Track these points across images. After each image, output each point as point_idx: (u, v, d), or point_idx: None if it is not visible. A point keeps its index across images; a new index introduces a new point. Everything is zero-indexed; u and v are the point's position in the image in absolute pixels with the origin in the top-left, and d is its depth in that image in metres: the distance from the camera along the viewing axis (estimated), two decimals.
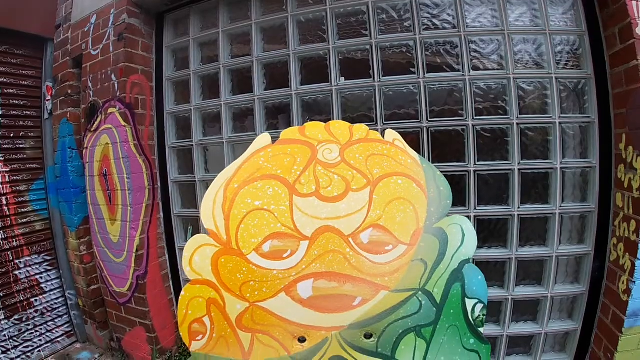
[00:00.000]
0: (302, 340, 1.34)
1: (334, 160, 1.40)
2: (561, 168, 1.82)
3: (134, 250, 2.23)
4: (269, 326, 1.32)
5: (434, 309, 1.33)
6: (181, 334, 1.35)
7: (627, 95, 1.59)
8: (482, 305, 1.33)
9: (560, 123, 1.82)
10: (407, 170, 1.40)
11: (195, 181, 2.28)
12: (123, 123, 2.19)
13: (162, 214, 2.40)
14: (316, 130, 1.47)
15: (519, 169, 1.83)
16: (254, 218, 1.35)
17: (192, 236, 1.44)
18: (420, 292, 1.32)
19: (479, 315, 1.34)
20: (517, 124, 1.83)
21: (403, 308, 1.31)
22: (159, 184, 2.38)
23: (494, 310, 1.97)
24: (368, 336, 1.33)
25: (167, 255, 2.40)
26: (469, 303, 1.33)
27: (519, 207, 1.84)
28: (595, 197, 1.80)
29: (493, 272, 1.95)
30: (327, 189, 1.36)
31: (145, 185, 2.27)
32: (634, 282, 1.56)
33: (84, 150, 2.41)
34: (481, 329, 1.34)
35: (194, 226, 2.40)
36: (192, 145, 2.28)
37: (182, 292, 1.36)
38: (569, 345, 1.97)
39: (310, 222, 1.34)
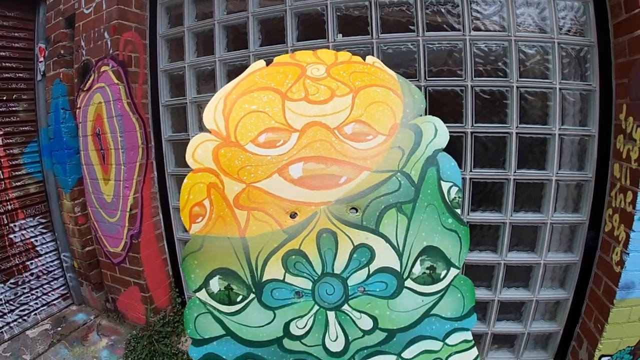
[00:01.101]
0: (293, 216, 1.52)
1: (321, 76, 1.60)
2: (559, 134, 1.80)
3: (128, 210, 2.22)
4: (264, 204, 1.50)
5: (413, 188, 1.50)
6: (182, 218, 1.55)
7: (630, 65, 1.55)
8: (457, 188, 1.50)
9: (560, 89, 1.78)
10: (385, 82, 1.59)
11: (189, 140, 2.22)
12: (116, 81, 2.15)
13: (155, 173, 2.38)
14: (305, 55, 1.68)
15: (516, 133, 1.80)
16: (251, 117, 1.54)
17: None
18: (399, 173, 1.49)
19: (455, 197, 1.50)
20: (517, 87, 1.79)
21: (384, 186, 1.49)
22: (152, 142, 2.36)
23: (485, 274, 1.98)
24: (354, 211, 1.50)
25: (161, 215, 2.39)
26: (445, 185, 1.50)
27: (515, 172, 1.82)
28: (593, 166, 1.78)
29: (487, 236, 1.95)
30: (315, 95, 1.56)
31: (139, 143, 2.25)
32: (628, 253, 1.54)
33: (77, 111, 2.38)
34: (458, 210, 1.51)
35: None
36: (186, 103, 2.24)
37: (185, 180, 1.54)
38: (559, 315, 1.99)
39: (300, 119, 1.53)
